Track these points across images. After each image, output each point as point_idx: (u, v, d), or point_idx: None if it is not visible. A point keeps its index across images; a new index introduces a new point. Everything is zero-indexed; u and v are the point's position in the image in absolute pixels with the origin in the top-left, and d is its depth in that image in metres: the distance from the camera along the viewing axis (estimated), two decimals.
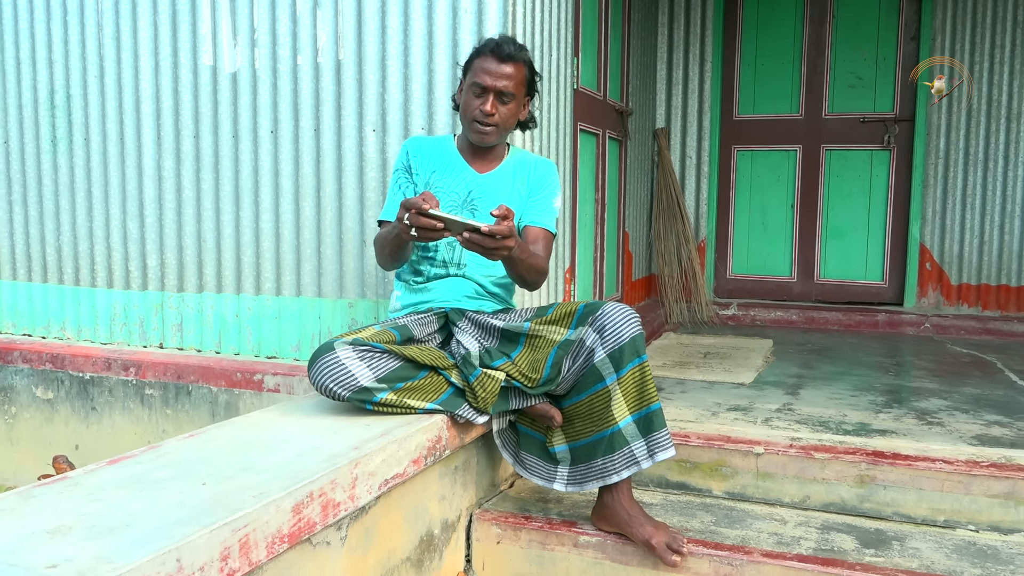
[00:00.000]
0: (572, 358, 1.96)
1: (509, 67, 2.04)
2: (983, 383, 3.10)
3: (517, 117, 2.13)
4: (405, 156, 2.20)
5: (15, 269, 3.33)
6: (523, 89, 2.11)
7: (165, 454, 1.61)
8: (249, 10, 2.80)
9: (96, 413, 3.07)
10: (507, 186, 2.17)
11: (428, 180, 2.17)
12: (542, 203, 2.17)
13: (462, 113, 2.12)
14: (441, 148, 2.21)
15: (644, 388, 1.93)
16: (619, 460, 1.93)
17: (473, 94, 2.07)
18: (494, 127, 2.07)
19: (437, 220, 1.75)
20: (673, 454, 1.95)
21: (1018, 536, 2.06)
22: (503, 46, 2.04)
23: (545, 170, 2.21)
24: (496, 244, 1.76)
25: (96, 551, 1.15)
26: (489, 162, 2.20)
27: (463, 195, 2.15)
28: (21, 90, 3.22)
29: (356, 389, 1.82)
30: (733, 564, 1.93)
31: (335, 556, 1.64)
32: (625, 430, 1.93)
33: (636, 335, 1.92)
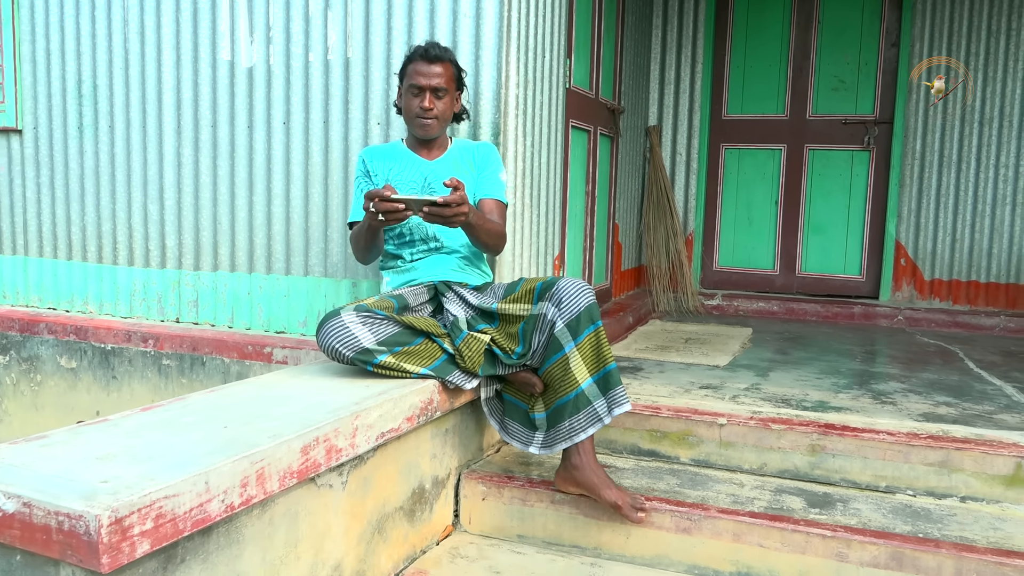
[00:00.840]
0: (539, 332, 2.19)
1: (438, 67, 2.36)
2: (942, 370, 3.32)
3: (452, 110, 2.45)
4: (363, 164, 2.52)
5: (41, 247, 3.56)
6: (453, 84, 2.42)
7: (190, 404, 1.85)
8: (265, 9, 3.02)
9: (116, 381, 3.31)
10: (456, 167, 2.47)
11: (387, 176, 2.47)
12: (490, 178, 2.47)
13: (405, 113, 2.44)
14: (393, 150, 2.53)
15: (600, 351, 2.16)
16: (583, 419, 2.15)
17: (412, 94, 2.39)
18: (435, 119, 2.39)
19: (399, 202, 2.03)
20: (629, 408, 2.17)
21: (950, 500, 2.29)
22: (430, 50, 2.37)
23: (487, 150, 2.52)
24: (453, 212, 2.05)
25: (139, 472, 1.39)
26: (436, 151, 2.51)
27: (420, 182, 2.45)
28: (51, 80, 3.45)
29: (359, 350, 2.05)
30: (691, 519, 2.16)
31: (337, 497, 1.87)
32: (588, 391, 2.16)
33: (590, 304, 2.15)
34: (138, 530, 1.27)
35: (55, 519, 1.24)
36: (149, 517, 1.29)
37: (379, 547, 2.05)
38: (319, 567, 1.82)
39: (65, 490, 1.29)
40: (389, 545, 2.09)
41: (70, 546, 1.24)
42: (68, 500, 1.25)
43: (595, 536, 2.25)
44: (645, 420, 2.58)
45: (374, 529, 2.02)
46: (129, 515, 1.25)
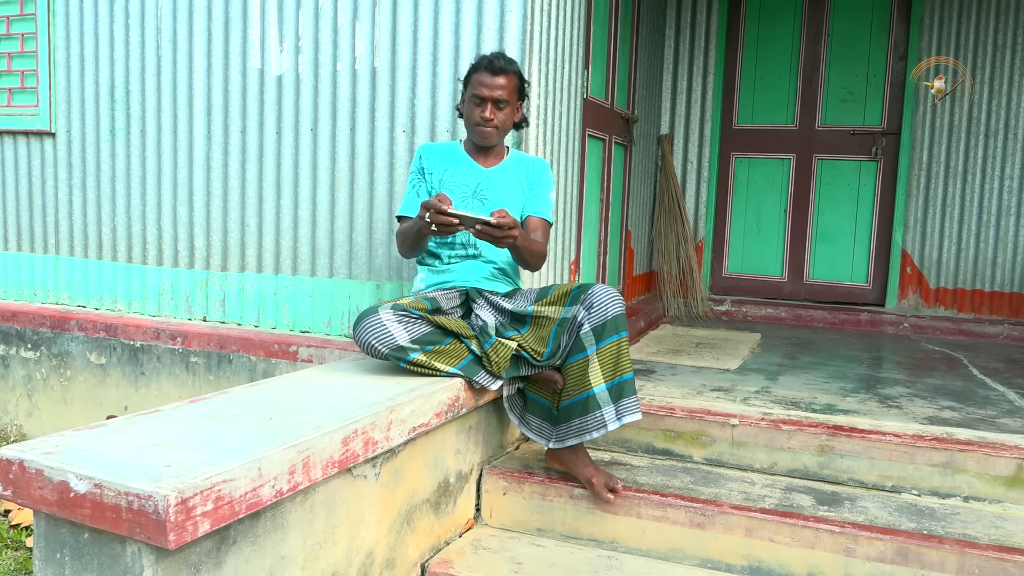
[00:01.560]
0: (568, 334, 2.29)
1: (502, 79, 2.41)
2: (946, 376, 3.41)
3: (512, 119, 2.51)
4: (419, 160, 2.57)
5: (72, 246, 3.67)
6: (515, 95, 2.47)
7: (234, 397, 1.95)
8: (295, 20, 3.13)
9: (145, 378, 3.41)
10: (509, 179, 2.53)
11: (442, 177, 2.52)
12: (540, 196, 2.54)
13: (466, 120, 2.50)
14: (451, 151, 2.58)
15: (619, 360, 2.26)
16: (591, 421, 2.26)
17: (474, 103, 2.45)
18: (495, 129, 2.45)
19: (453, 217, 2.11)
20: (639, 418, 2.28)
21: (953, 500, 2.38)
22: (495, 61, 2.42)
23: (541, 168, 2.59)
24: (503, 234, 2.14)
25: (197, 458, 1.49)
26: (492, 159, 2.56)
27: (473, 187, 2.51)
28: (84, 85, 3.56)
29: (394, 347, 2.16)
30: (705, 515, 2.26)
31: (370, 488, 1.97)
32: (599, 395, 2.26)
33: (618, 314, 2.26)
34: (200, 511, 1.37)
35: (125, 499, 1.35)
36: (210, 499, 1.39)
37: (407, 537, 2.15)
38: (353, 553, 1.92)
39: (133, 473, 1.39)
40: (416, 535, 2.19)
41: (139, 524, 1.34)
42: (137, 482, 1.35)
43: (612, 530, 2.35)
44: (659, 420, 2.67)
45: (403, 519, 2.12)
46: (193, 496, 1.36)
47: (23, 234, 3.79)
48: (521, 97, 2.51)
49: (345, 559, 1.89)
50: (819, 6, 4.67)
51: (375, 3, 2.99)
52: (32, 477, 1.44)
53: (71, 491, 1.40)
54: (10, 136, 3.76)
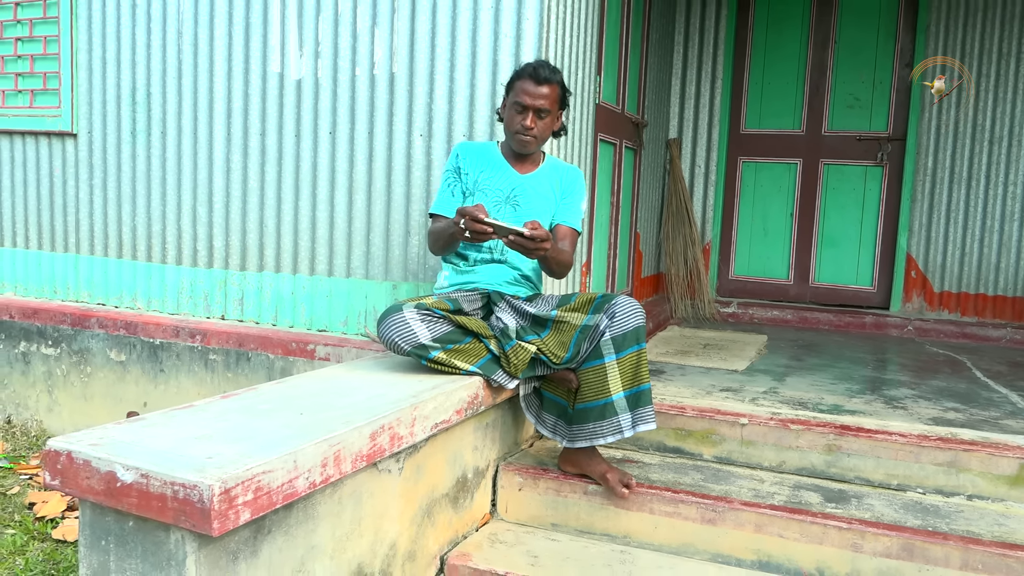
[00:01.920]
0: (589, 340, 2.35)
1: (545, 88, 2.42)
2: (950, 378, 3.48)
3: (552, 128, 2.52)
4: (456, 159, 2.58)
5: (93, 245, 3.74)
6: (556, 105, 2.48)
7: (263, 393, 2.02)
8: (315, 25, 3.20)
9: (164, 375, 3.48)
10: (543, 187, 2.56)
11: (477, 179, 2.54)
12: (571, 205, 2.57)
13: (506, 126, 2.51)
14: (488, 152, 2.60)
15: (638, 370, 2.33)
16: (607, 427, 2.33)
17: (515, 111, 2.45)
18: (534, 138, 2.47)
19: (488, 226, 2.16)
20: (653, 427, 2.35)
21: (957, 498, 2.44)
22: (540, 71, 2.42)
23: (575, 177, 2.61)
24: (535, 245, 2.17)
25: (236, 450, 1.56)
26: (528, 165, 2.59)
27: (506, 192, 2.54)
28: (106, 87, 3.63)
29: (416, 344, 2.23)
30: (716, 511, 2.33)
31: (394, 482, 2.04)
32: (617, 403, 2.33)
33: (639, 326, 2.32)
34: (241, 500, 1.44)
35: (171, 488, 1.41)
36: (250, 489, 1.46)
37: (428, 530, 2.22)
38: (378, 545, 1.99)
39: (177, 463, 1.46)
40: (436, 528, 2.26)
41: (184, 512, 1.41)
42: (182, 472, 1.42)
43: (624, 525, 2.41)
44: (671, 419, 2.74)
45: (424, 513, 2.19)
46: (235, 486, 1.42)
47: (44, 233, 3.86)
48: (562, 106, 2.51)
49: (370, 550, 1.96)
50: (826, 14, 4.74)
51: (394, 10, 3.06)
52: (80, 468, 1.51)
53: (118, 481, 1.46)
54: (32, 137, 3.84)
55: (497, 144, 2.65)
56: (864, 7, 4.67)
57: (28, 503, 3.04)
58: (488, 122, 2.95)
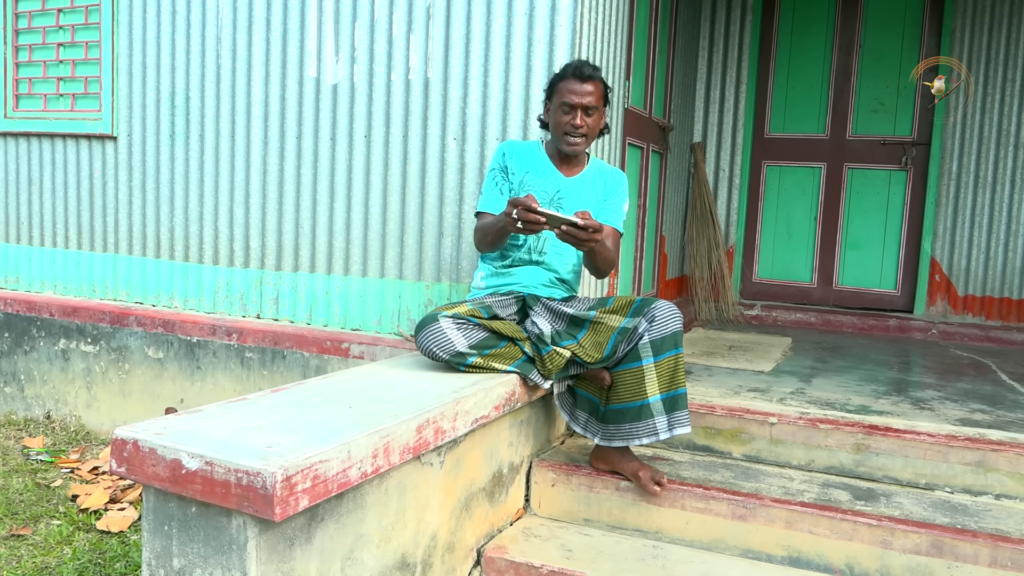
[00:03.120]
0: (627, 342, 2.40)
1: (590, 85, 2.45)
2: (976, 381, 3.50)
3: (599, 126, 2.55)
4: (502, 157, 2.60)
5: (131, 245, 3.84)
6: (602, 102, 2.51)
7: (311, 387, 2.09)
8: (351, 31, 3.28)
9: (201, 372, 3.57)
10: (588, 189, 2.60)
11: (522, 179, 2.58)
12: (614, 206, 2.61)
13: (553, 128, 2.52)
14: (533, 152, 2.63)
15: (675, 374, 2.38)
16: (643, 428, 2.38)
17: (563, 111, 2.47)
18: (583, 138, 2.49)
19: (541, 216, 2.19)
20: (688, 431, 2.40)
21: (985, 497, 2.48)
22: (583, 68, 2.45)
23: (618, 179, 2.65)
24: (588, 236, 2.19)
25: (293, 440, 1.63)
26: (573, 167, 2.62)
27: (551, 194, 2.57)
28: (146, 91, 3.73)
29: (454, 353, 2.29)
30: (747, 507, 2.37)
31: (435, 475, 2.10)
32: (653, 405, 2.38)
33: (677, 330, 2.38)
34: (300, 487, 1.51)
35: (234, 475, 1.48)
36: (308, 477, 1.53)
37: (466, 523, 2.28)
38: (420, 535, 2.05)
39: (239, 452, 1.53)
40: (473, 521, 2.32)
41: (247, 498, 1.48)
42: (246, 460, 1.49)
43: (656, 521, 2.47)
44: (700, 418, 2.79)
45: (462, 506, 2.25)
46: (296, 474, 1.49)
47: (84, 233, 3.96)
48: (606, 103, 2.54)
49: (413, 540, 2.02)
50: (851, 19, 4.77)
51: (429, 16, 3.13)
52: (146, 455, 1.58)
53: (183, 468, 1.54)
54: (73, 139, 3.94)
55: (542, 143, 2.67)
56: (889, 13, 4.70)
57: (71, 495, 3.13)
58: (520, 126, 3.01)
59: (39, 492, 3.17)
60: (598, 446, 2.54)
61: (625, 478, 2.49)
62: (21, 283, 4.15)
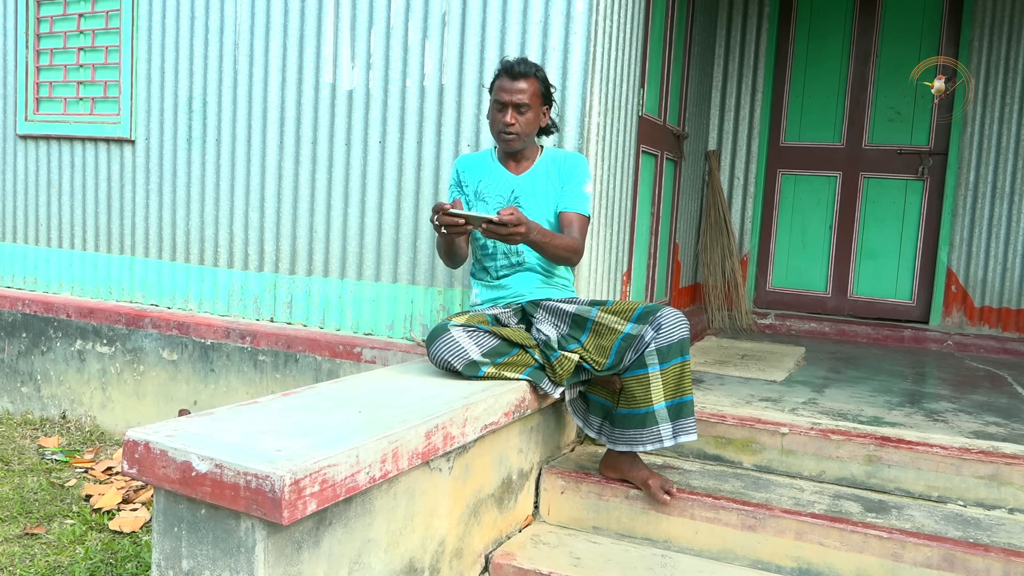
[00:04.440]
0: (633, 349, 2.40)
1: (522, 83, 2.47)
2: (991, 393, 3.47)
3: (537, 124, 2.55)
4: (456, 174, 2.68)
5: (148, 248, 3.87)
6: (538, 100, 2.52)
7: (322, 392, 2.10)
8: (367, 38, 3.30)
9: (214, 374, 3.59)
10: (541, 182, 2.60)
11: (476, 188, 2.63)
12: (573, 190, 2.58)
13: (491, 126, 2.57)
14: (483, 160, 2.68)
15: (682, 381, 2.37)
16: (647, 435, 2.38)
17: (496, 109, 2.52)
18: (515, 135, 2.51)
19: (459, 217, 2.20)
20: (694, 439, 2.40)
21: (998, 511, 2.46)
22: (515, 66, 2.48)
23: (573, 161, 2.61)
24: (508, 231, 2.19)
25: (302, 444, 1.64)
26: (523, 164, 2.63)
27: (507, 195, 2.59)
28: (164, 95, 3.77)
29: (468, 362, 2.30)
30: (757, 518, 2.36)
31: (444, 480, 2.11)
32: (658, 412, 2.37)
33: (684, 338, 2.37)
34: (309, 491, 1.52)
35: (243, 478, 1.50)
36: (317, 481, 1.54)
37: (474, 529, 2.28)
38: (428, 540, 2.06)
39: (249, 455, 1.54)
40: (482, 527, 2.32)
41: (255, 501, 1.49)
42: (255, 463, 1.50)
43: (665, 530, 2.46)
44: (711, 427, 2.78)
45: (471, 512, 2.26)
46: (304, 478, 1.50)
47: (101, 235, 4.00)
48: (546, 102, 2.54)
49: (421, 546, 2.03)
50: (868, 29, 4.75)
51: (444, 24, 3.14)
52: (157, 457, 1.60)
53: (193, 470, 1.55)
54: (92, 143, 3.98)
55: (493, 150, 2.70)
56: (906, 23, 4.68)
57: (85, 495, 3.16)
58: None
59: (53, 491, 3.20)
60: (607, 454, 2.54)
61: (635, 486, 2.49)
62: (39, 284, 4.19)
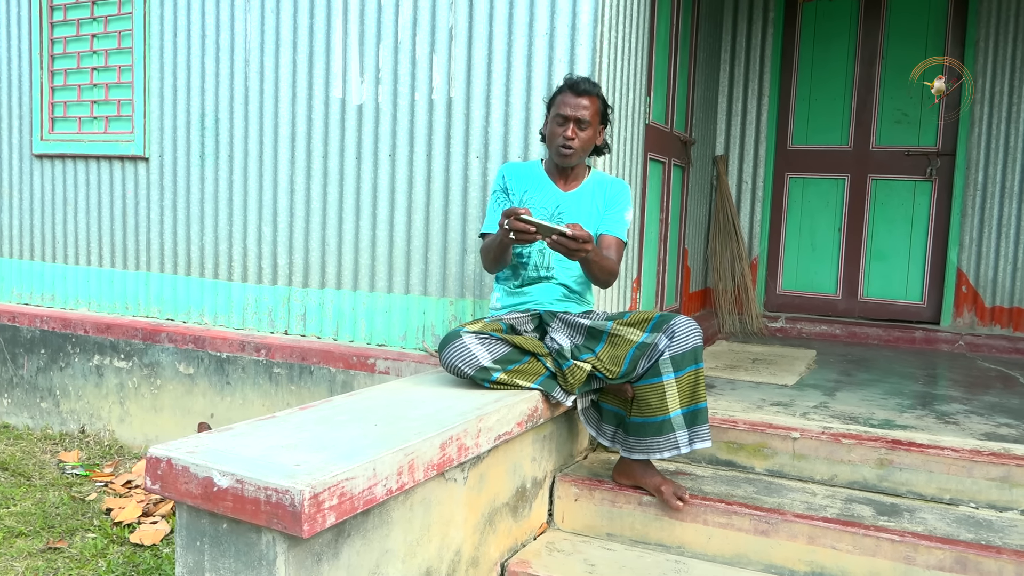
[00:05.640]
0: (647, 358, 2.43)
1: (585, 100, 2.52)
2: (1003, 394, 3.48)
3: (594, 142, 2.60)
4: (502, 179, 2.70)
5: (163, 263, 3.93)
6: (597, 118, 2.57)
7: (337, 405, 2.14)
8: (375, 52, 3.35)
9: (230, 387, 3.64)
10: (587, 202, 2.65)
11: (522, 198, 2.66)
12: (615, 216, 2.64)
13: (548, 140, 2.61)
14: (532, 171, 2.71)
15: (696, 389, 2.40)
16: (664, 442, 2.41)
17: (556, 124, 2.55)
18: (574, 150, 2.55)
19: (531, 224, 2.22)
20: (709, 445, 2.43)
21: (1011, 513, 2.47)
22: (579, 83, 2.53)
23: (619, 188, 2.68)
24: (577, 246, 2.23)
25: (321, 458, 1.67)
26: (571, 182, 2.67)
27: (551, 209, 2.64)
28: (176, 113, 3.82)
29: (478, 368, 2.33)
30: (769, 522, 2.38)
31: (459, 490, 2.14)
32: (674, 420, 2.40)
33: (697, 346, 2.40)
34: (328, 504, 1.56)
35: (264, 493, 1.53)
36: (335, 495, 1.57)
37: (489, 537, 2.31)
38: (444, 550, 2.09)
39: (269, 470, 1.58)
40: (497, 536, 2.35)
41: (276, 515, 1.52)
42: (275, 478, 1.54)
43: (679, 536, 2.48)
44: (723, 433, 2.81)
45: (486, 521, 2.29)
46: (323, 492, 1.54)
47: (116, 252, 4.05)
48: (604, 121, 2.60)
49: (437, 555, 2.06)
50: (874, 31, 4.77)
51: (451, 37, 3.19)
52: (179, 473, 1.63)
53: (215, 485, 1.59)
54: (106, 160, 4.04)
55: (541, 162, 2.74)
56: (911, 25, 4.70)
57: (105, 508, 3.21)
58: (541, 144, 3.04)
59: (74, 505, 3.25)
60: (621, 460, 2.57)
61: (648, 493, 2.52)
62: (56, 301, 4.26)
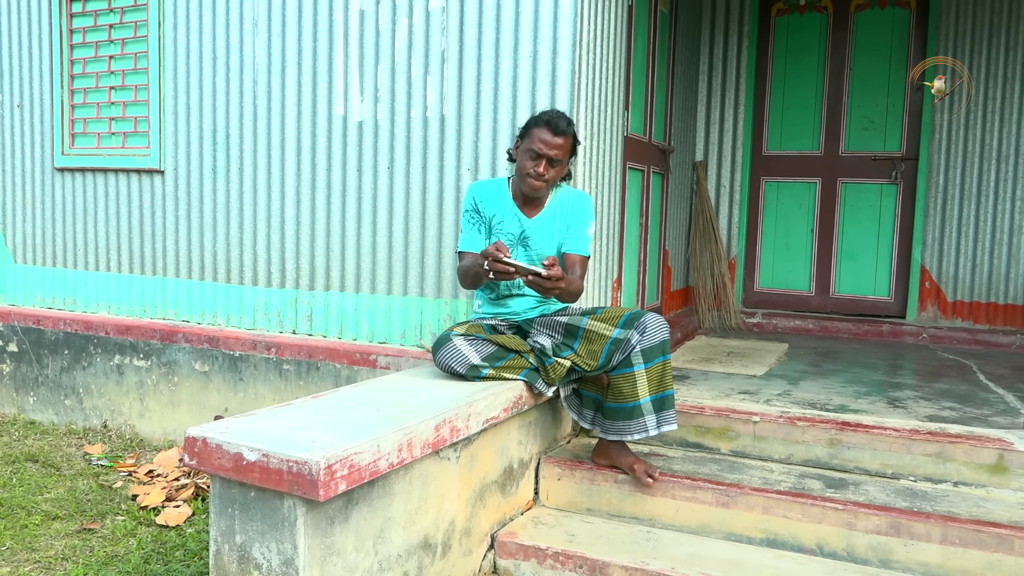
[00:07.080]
0: (621, 351, 2.72)
1: (560, 139, 2.69)
2: (954, 381, 3.78)
3: (561, 175, 2.80)
4: (472, 200, 2.87)
5: (178, 269, 4.23)
6: (567, 155, 2.76)
7: (344, 394, 2.44)
8: (374, 73, 3.64)
9: (243, 383, 3.94)
10: (550, 226, 2.86)
11: (490, 222, 2.86)
12: (577, 232, 2.84)
13: (518, 169, 2.76)
14: (498, 193, 2.87)
15: (663, 378, 2.70)
16: (635, 426, 2.71)
17: (529, 156, 2.70)
18: (544, 183, 2.74)
19: (510, 266, 2.46)
20: (675, 428, 2.72)
21: (944, 485, 2.77)
22: (558, 122, 2.66)
23: (581, 203, 2.85)
24: (552, 284, 2.46)
25: (333, 437, 1.97)
26: (536, 207, 2.87)
27: (517, 234, 2.86)
28: (190, 129, 4.12)
29: (469, 366, 2.64)
30: (729, 496, 2.69)
31: (452, 468, 2.44)
32: (644, 406, 2.70)
33: (665, 340, 2.70)
34: (340, 474, 1.85)
35: (286, 464, 1.83)
36: (346, 466, 1.87)
37: (480, 511, 2.61)
38: (440, 520, 2.39)
39: (289, 446, 1.88)
40: (487, 510, 2.65)
41: (296, 483, 1.82)
42: (295, 452, 1.84)
43: (650, 509, 2.78)
44: (691, 418, 3.11)
45: (477, 496, 2.59)
46: (336, 463, 1.84)
47: (135, 258, 4.35)
48: (572, 155, 2.80)
49: (434, 524, 2.36)
50: (841, 43, 5.07)
51: (444, 60, 3.48)
52: (213, 450, 1.93)
53: (244, 459, 1.89)
54: (124, 174, 4.34)
55: (508, 181, 2.90)
56: (876, 37, 5.00)
57: (131, 495, 3.50)
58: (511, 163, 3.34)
59: (103, 492, 3.55)
60: (599, 443, 2.87)
61: (623, 472, 2.82)
62: (79, 305, 4.55)
